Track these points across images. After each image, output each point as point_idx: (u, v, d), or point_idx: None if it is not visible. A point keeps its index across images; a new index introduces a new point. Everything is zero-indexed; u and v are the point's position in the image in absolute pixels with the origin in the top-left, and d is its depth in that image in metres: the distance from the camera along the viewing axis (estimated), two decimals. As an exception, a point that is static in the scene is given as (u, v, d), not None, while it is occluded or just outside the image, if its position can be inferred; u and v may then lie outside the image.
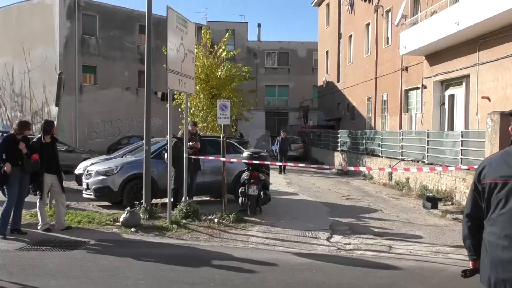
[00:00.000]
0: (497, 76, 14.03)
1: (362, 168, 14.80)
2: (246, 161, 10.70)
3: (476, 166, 11.11)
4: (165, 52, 9.17)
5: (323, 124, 36.10)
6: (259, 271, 6.35)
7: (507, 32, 13.43)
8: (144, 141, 10.26)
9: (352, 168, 14.41)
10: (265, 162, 10.84)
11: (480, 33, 14.52)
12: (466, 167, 11.38)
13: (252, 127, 33.55)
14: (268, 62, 47.00)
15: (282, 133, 22.41)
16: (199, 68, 20.11)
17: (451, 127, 17.36)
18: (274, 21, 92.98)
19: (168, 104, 9.49)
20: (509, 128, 3.23)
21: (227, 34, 22.36)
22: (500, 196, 2.92)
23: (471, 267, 3.27)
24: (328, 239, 8.53)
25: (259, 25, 50.36)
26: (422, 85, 19.26)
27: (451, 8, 15.31)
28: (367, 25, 26.71)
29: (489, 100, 14.31)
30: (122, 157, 12.92)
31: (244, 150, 12.05)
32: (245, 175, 10.62)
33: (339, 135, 25.76)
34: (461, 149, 12.67)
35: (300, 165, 13.15)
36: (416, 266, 6.78)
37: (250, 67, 23.75)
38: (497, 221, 2.92)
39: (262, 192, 10.52)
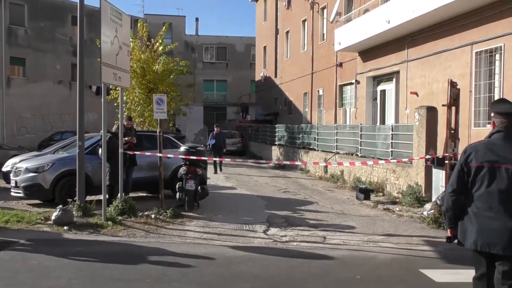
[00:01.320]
0: (424, 73, 14.74)
1: (297, 163, 15.08)
2: (183, 156, 10.64)
3: (405, 159, 11.54)
4: (99, 45, 8.91)
5: (261, 119, 36.44)
6: (196, 266, 6.35)
7: (433, 30, 14.14)
8: (77, 136, 9.94)
9: (288, 163, 14.65)
10: (203, 158, 10.81)
11: (409, 31, 15.19)
12: (395, 160, 11.92)
13: (190, 122, 33.32)
14: (206, 57, 46.79)
15: (215, 128, 20.50)
16: (135, 62, 19.70)
17: (382, 121, 18.07)
18: (212, 15, 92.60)
19: (102, 98, 9.25)
20: (492, 121, 4.01)
21: (164, 27, 22.01)
22: (485, 177, 3.78)
23: (450, 234, 4.13)
24: (265, 232, 8.66)
25: (197, 19, 49.75)
26: (356, 80, 19.89)
27: (382, 6, 15.90)
28: (304, 21, 27.20)
29: (417, 95, 15.02)
30: (54, 153, 12.46)
31: (181, 145, 11.95)
32: (182, 170, 10.54)
33: (277, 129, 26.13)
34: (392, 142, 13.23)
35: (237, 160, 13.20)
36: (348, 255, 7.02)
37: (188, 61, 23.53)
38: (482, 197, 3.77)
39: (199, 187, 10.49)
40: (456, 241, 4.06)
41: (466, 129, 11.90)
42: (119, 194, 9.72)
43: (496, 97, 11.70)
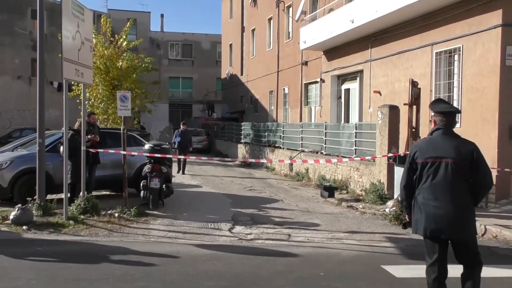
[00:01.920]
0: (387, 72, 15.03)
1: (263, 160, 15.14)
2: (148, 154, 10.52)
3: (368, 157, 11.74)
4: (61, 40, 8.70)
5: (227, 117, 36.38)
6: (160, 264, 6.29)
7: (395, 31, 14.42)
8: (37, 133, 9.68)
9: (253, 161, 14.68)
10: (168, 156, 10.72)
11: (372, 31, 15.45)
12: (358, 158, 12.11)
13: (156, 119, 32.95)
14: (172, 54, 46.34)
15: (182, 126, 19.22)
16: (99, 58, 19.33)
17: (347, 120, 18.32)
18: (178, 12, 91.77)
19: (64, 94, 9.03)
20: (432, 120, 4.50)
21: (128, 23, 21.68)
22: (430, 171, 4.29)
23: (407, 219, 4.67)
24: (230, 230, 8.65)
25: (162, 16, 49.41)
26: (321, 79, 20.11)
27: (346, 6, 16.11)
28: (269, 19, 27.28)
29: (380, 94, 15.29)
30: (12, 150, 12.08)
31: (146, 142, 11.81)
32: (146, 168, 10.43)
33: (243, 127, 26.14)
34: (355, 141, 13.43)
35: (203, 158, 13.07)
36: (312, 252, 7.10)
37: (153, 58, 23.20)
38: (428, 189, 4.29)
39: (164, 185, 10.40)
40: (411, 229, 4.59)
41: (426, 127, 12.14)
42: (81, 193, 9.52)
43: (455, 97, 12.06)
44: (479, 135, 10.98)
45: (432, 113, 4.53)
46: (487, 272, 6.10)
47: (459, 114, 11.62)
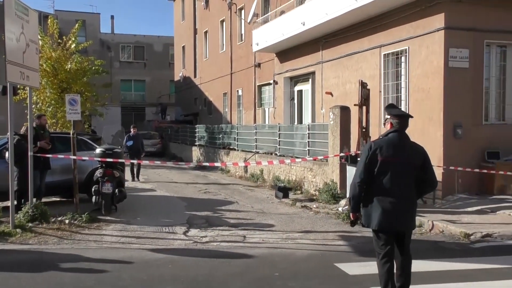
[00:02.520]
0: (338, 73, 15.33)
1: (217, 164, 15.11)
2: (99, 158, 10.29)
3: (320, 157, 11.93)
4: (3, 42, 8.37)
5: (181, 119, 36.07)
6: (113, 270, 6.17)
7: (345, 33, 14.75)
8: (-20, 139, 9.28)
9: (207, 164, 14.62)
10: (120, 160, 10.52)
11: (323, 34, 15.74)
12: (311, 158, 12.29)
13: (108, 123, 32.27)
14: (123, 56, 45.49)
15: (132, 129, 18.11)
16: (46, 61, 18.73)
17: (300, 121, 18.56)
18: (129, 13, 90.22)
19: (8, 98, 8.70)
20: (389, 123, 4.86)
21: (77, 24, 21.09)
22: (387, 169, 4.62)
23: (352, 218, 4.95)
24: (185, 233, 8.59)
25: (112, 17, 48.35)
26: (274, 81, 20.28)
27: (297, 9, 16.33)
28: (222, 21, 27.28)
29: (332, 95, 15.59)
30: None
31: (97, 146, 11.55)
32: (98, 173, 10.20)
33: (197, 130, 26.00)
34: (309, 141, 13.63)
35: (156, 162, 12.80)
36: (267, 253, 7.15)
37: (103, 61, 22.67)
38: (384, 185, 4.61)
39: (117, 190, 10.20)
40: (361, 225, 4.93)
41: (376, 127, 12.50)
42: (29, 200, 9.20)
43: (403, 97, 12.45)
44: (425, 134, 11.39)
45: (388, 116, 4.89)
46: (434, 265, 6.36)
47: (407, 114, 12.03)
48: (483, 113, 11.56)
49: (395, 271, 4.73)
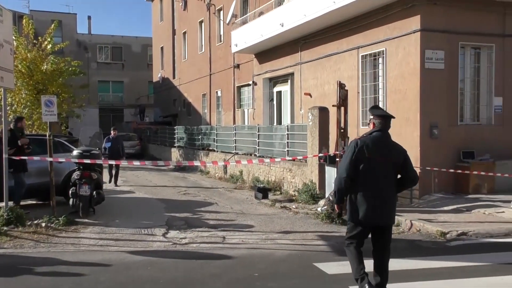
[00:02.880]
0: (316, 74, 15.44)
1: (196, 163, 15.07)
2: (76, 160, 10.16)
3: (299, 157, 11.97)
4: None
5: (159, 121, 35.84)
6: (91, 273, 6.10)
7: (323, 34, 14.86)
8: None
9: (186, 163, 14.56)
10: (97, 161, 10.40)
11: (301, 35, 15.83)
12: (290, 158, 12.34)
13: (86, 124, 31.88)
14: (101, 57, 44.98)
15: (112, 132, 17.17)
16: (21, 62, 18.44)
17: (279, 122, 18.64)
18: (106, 14, 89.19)
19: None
20: (372, 123, 5.10)
21: (52, 25, 20.83)
22: (372, 166, 4.85)
23: (337, 210, 5.34)
24: (164, 235, 8.54)
25: (89, 17, 47.68)
26: (253, 82, 20.32)
27: (276, 10, 16.39)
28: (201, 22, 27.22)
29: (311, 96, 15.69)
30: None
31: (74, 148, 11.40)
32: (75, 175, 10.07)
33: (176, 131, 25.87)
34: (288, 142, 13.68)
35: (135, 163, 12.49)
36: (247, 253, 7.16)
37: (80, 62, 22.45)
38: (369, 182, 4.84)
39: (95, 192, 10.08)
40: (345, 216, 5.21)
41: (355, 128, 12.65)
42: (4, 203, 9.04)
43: (381, 98, 12.59)
44: (402, 134, 11.53)
45: (371, 116, 5.16)
46: (411, 264, 6.46)
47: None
48: (458, 113, 11.78)
49: (373, 269, 4.95)
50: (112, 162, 14.93)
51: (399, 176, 5.05)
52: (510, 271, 6.09)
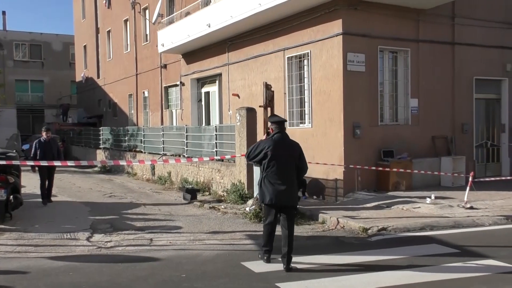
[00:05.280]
0: (244, 75, 15.56)
1: (122, 162, 14.68)
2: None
3: (227, 156, 12.07)
4: None
5: (84, 122, 34.57)
6: (7, 282, 5.77)
7: (250, 36, 15.02)
8: None
9: (111, 162, 14.15)
10: (14, 164, 9.86)
11: (228, 36, 15.90)
12: (219, 157, 12.35)
13: (2, 125, 30.09)
14: (18, 55, 42.63)
15: (44, 134, 12.32)
16: None
17: (208, 122, 18.59)
18: (23, 9, 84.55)
19: None
20: (271, 128, 6.82)
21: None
22: (275, 160, 6.38)
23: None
24: (88, 239, 8.26)
25: (4, 13, 44.74)
26: (181, 82, 20.13)
27: (203, 10, 16.34)
28: (125, 21, 26.58)
29: (239, 97, 15.79)
30: None
31: (-11, 151, 10.73)
32: (-11, 179, 9.49)
33: (101, 132, 25.05)
34: (216, 143, 13.68)
35: (56, 163, 11.58)
36: (174, 255, 7.08)
37: (-5, 59, 21.19)
38: (274, 172, 6.37)
39: (12, 196, 9.57)
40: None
41: (281, 128, 12.85)
42: None
43: (306, 99, 12.92)
44: (327, 134, 11.92)
45: (270, 124, 6.86)
46: (334, 259, 6.69)
47: (311, 115, 12.55)
48: (378, 114, 12.34)
49: (282, 241, 6.32)
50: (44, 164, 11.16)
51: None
52: (425, 262, 6.47)
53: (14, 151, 11.53)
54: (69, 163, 10.07)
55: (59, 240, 8.17)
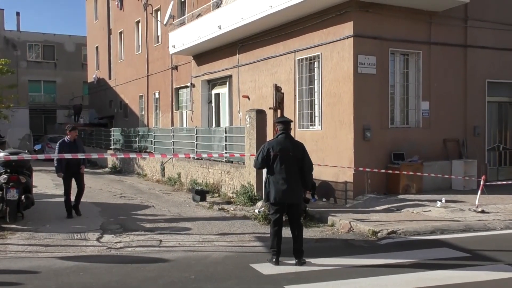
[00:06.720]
0: (254, 77, 15.57)
1: (132, 155, 14.66)
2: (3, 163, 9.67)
3: (236, 154, 12.01)
4: None
5: (95, 122, 34.79)
6: (19, 281, 5.83)
7: (261, 38, 15.02)
8: None
9: (122, 155, 14.15)
10: (25, 157, 9.95)
11: (239, 37, 15.92)
12: (228, 154, 12.36)
13: (14, 126, 30.39)
14: (31, 55, 43.04)
15: (68, 133, 10.64)
16: None
17: (218, 124, 18.62)
18: (36, 10, 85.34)
19: None
20: (276, 128, 7.09)
21: (-22, 21, 19.77)
22: (279, 160, 6.60)
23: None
24: (98, 239, 8.32)
25: (18, 14, 45.24)
26: (191, 84, 20.19)
27: (214, 12, 16.39)
28: (137, 22, 26.73)
29: (249, 98, 15.80)
30: None
31: (1, 151, 10.85)
32: (2, 179, 9.59)
33: (112, 133, 25.21)
34: (226, 144, 13.71)
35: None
36: (183, 256, 7.11)
37: (8, 60, 21.45)
38: (278, 172, 6.59)
39: (23, 196, 9.65)
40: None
41: (292, 130, 12.84)
42: None
43: (316, 101, 12.89)
44: (337, 136, 11.89)
45: (275, 124, 7.20)
46: (343, 262, 6.66)
47: (321, 117, 12.52)
48: (389, 117, 12.27)
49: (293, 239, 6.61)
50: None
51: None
52: (434, 266, 6.42)
53: (27, 151, 11.62)
54: (80, 155, 9.96)
55: (70, 240, 8.24)
